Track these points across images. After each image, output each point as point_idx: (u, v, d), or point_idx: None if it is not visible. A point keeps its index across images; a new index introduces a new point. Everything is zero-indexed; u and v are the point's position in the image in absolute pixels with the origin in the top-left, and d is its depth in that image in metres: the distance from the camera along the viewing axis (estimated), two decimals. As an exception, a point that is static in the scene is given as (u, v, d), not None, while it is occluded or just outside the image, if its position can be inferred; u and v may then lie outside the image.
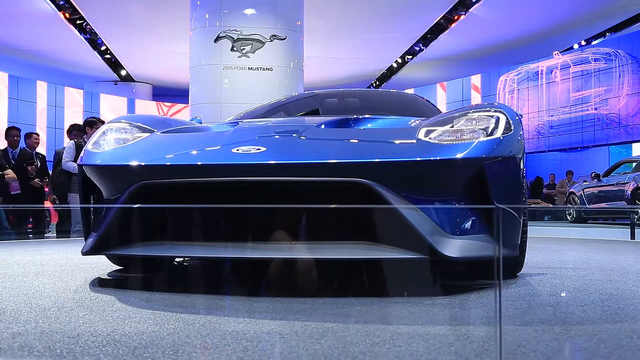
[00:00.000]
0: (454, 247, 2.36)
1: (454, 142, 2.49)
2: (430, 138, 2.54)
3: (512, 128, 2.61)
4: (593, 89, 16.81)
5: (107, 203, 2.70)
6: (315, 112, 4.12)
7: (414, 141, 2.53)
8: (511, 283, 2.82)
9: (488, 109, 2.71)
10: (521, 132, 2.70)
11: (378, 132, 2.92)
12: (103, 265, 3.48)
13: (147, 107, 22.37)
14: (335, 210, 2.45)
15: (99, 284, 2.81)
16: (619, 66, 16.13)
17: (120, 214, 2.55)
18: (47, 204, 7.98)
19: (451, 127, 2.61)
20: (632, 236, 7.23)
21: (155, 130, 2.99)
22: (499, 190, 2.51)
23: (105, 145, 2.83)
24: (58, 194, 7.32)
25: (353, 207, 2.42)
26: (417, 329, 1.83)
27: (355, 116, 3.27)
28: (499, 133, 2.54)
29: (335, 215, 2.50)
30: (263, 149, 2.47)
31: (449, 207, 2.46)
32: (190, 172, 2.48)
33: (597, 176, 11.96)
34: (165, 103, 23.08)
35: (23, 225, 7.63)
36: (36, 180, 7.36)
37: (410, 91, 19.44)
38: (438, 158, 2.40)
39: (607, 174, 11.95)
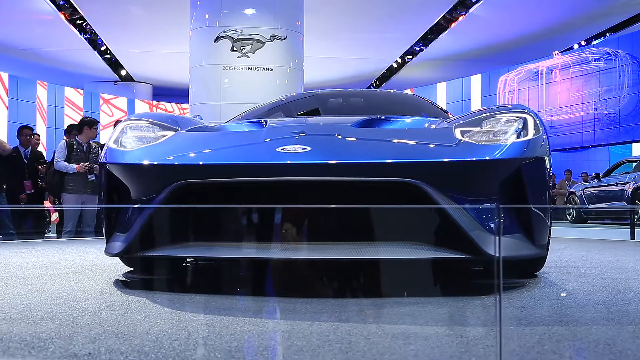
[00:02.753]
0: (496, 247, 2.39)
1: (494, 143, 2.51)
2: (469, 139, 2.56)
3: (540, 129, 2.65)
4: (593, 89, 16.80)
5: (137, 203, 2.60)
6: (322, 112, 4.08)
7: (457, 142, 2.54)
8: (537, 282, 2.85)
9: (514, 110, 2.72)
10: (545, 135, 2.71)
11: (414, 132, 2.90)
12: (110, 267, 3.45)
13: (143, 108, 22.37)
14: (379, 210, 2.44)
15: (125, 285, 2.76)
16: (619, 66, 16.13)
17: (158, 214, 2.47)
18: (47, 204, 7.98)
19: (483, 128, 2.63)
20: (632, 236, 7.23)
21: (178, 128, 2.92)
22: (532, 190, 2.54)
23: (128, 144, 2.73)
24: (53, 194, 7.33)
25: (399, 208, 2.42)
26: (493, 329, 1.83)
27: (378, 116, 3.25)
28: (530, 134, 2.58)
29: (379, 215, 2.49)
30: (308, 148, 2.43)
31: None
32: (235, 171, 2.42)
33: (597, 176, 11.95)
34: (153, 103, 23.09)
35: (23, 225, 7.63)
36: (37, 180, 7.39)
37: (409, 91, 19.46)
38: (487, 158, 2.42)
39: (607, 174, 11.94)
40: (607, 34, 18.27)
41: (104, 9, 15.66)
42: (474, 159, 2.41)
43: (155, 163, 2.54)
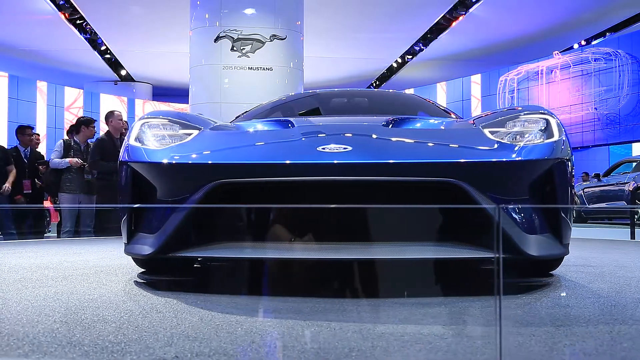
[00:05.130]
0: (532, 246, 2.41)
1: (528, 144, 2.53)
2: (503, 139, 2.58)
3: (562, 130, 2.68)
4: (593, 89, 16.81)
5: (163, 203, 2.54)
6: (327, 111, 4.07)
7: (494, 142, 2.55)
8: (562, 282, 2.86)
9: (534, 111, 2.74)
10: (566, 137, 2.74)
11: (447, 132, 2.89)
12: (119, 268, 3.41)
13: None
14: (417, 210, 2.44)
15: (150, 287, 2.68)
16: (619, 66, 16.13)
17: (193, 213, 2.42)
18: (47, 204, 7.99)
19: (509, 128, 2.65)
20: (632, 236, 7.23)
21: (200, 126, 2.83)
22: (560, 190, 2.57)
23: (152, 143, 2.65)
24: (51, 194, 7.31)
25: (438, 207, 2.42)
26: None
27: (402, 117, 3.27)
28: (556, 135, 2.60)
29: (416, 215, 2.49)
30: (349, 148, 2.41)
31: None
32: (277, 170, 2.37)
33: (597, 176, 11.96)
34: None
35: (23, 225, 7.63)
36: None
37: (410, 91, 19.46)
38: (528, 158, 2.45)
39: (607, 174, 11.95)
40: (607, 34, 18.27)
41: (104, 9, 15.67)
42: (517, 159, 2.44)
43: (197, 162, 2.48)
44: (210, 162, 2.48)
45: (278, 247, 2.48)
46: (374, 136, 2.64)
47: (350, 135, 2.68)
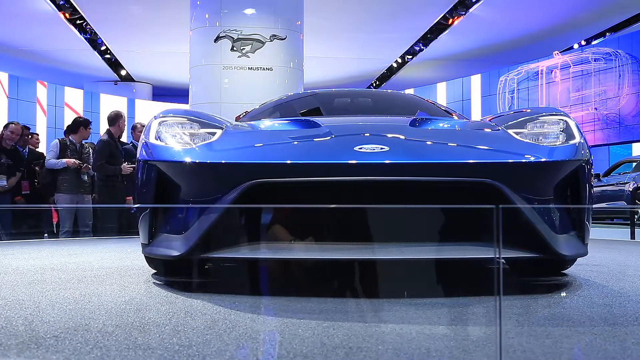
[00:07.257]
0: (563, 245, 2.43)
1: (554, 144, 2.56)
2: (531, 140, 2.59)
3: (581, 131, 2.71)
4: (593, 89, 16.80)
5: (189, 204, 2.50)
6: (329, 111, 4.06)
7: (527, 144, 2.56)
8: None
9: (551, 113, 2.76)
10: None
11: (475, 133, 2.89)
12: (127, 269, 3.37)
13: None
14: (449, 211, 2.46)
15: (171, 287, 2.64)
16: (619, 66, 16.12)
17: (226, 214, 2.38)
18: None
19: (531, 129, 2.67)
20: (632, 236, 7.22)
21: (221, 125, 2.76)
22: (584, 190, 2.61)
23: (172, 141, 2.59)
24: (46, 195, 7.29)
25: (471, 208, 2.44)
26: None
27: (421, 117, 3.30)
28: (577, 137, 2.63)
29: (449, 215, 2.51)
30: (386, 148, 2.42)
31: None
32: (315, 170, 2.35)
33: (597, 176, 11.95)
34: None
35: (23, 225, 7.61)
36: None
37: (410, 91, 19.45)
38: (562, 159, 2.50)
39: (607, 174, 11.94)
40: (607, 34, 18.26)
41: (104, 9, 15.65)
42: (552, 159, 2.48)
43: (234, 162, 2.46)
44: (247, 161, 2.45)
45: (316, 247, 2.46)
46: (408, 137, 2.64)
47: (384, 135, 2.67)
